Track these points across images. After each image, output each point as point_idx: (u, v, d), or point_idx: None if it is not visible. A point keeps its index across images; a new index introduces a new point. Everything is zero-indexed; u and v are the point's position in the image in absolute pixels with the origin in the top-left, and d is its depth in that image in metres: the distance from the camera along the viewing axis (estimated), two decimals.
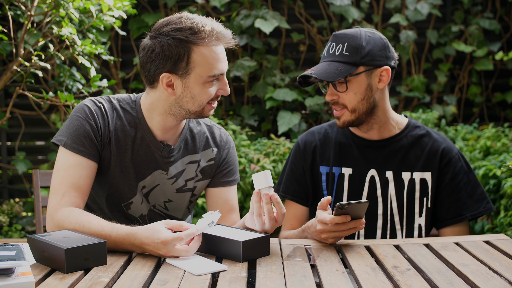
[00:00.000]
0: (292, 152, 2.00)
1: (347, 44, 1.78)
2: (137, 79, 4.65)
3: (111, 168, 1.71)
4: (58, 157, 1.65)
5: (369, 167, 1.89)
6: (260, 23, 4.16)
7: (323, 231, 1.56)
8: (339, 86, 1.80)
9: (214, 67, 1.62)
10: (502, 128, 3.84)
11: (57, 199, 1.59)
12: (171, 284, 1.22)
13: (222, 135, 1.86)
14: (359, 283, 1.27)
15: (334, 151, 1.92)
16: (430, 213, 1.87)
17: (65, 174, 1.61)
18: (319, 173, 1.93)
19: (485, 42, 4.47)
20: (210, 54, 1.61)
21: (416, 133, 1.91)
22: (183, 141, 1.78)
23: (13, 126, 4.63)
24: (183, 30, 1.59)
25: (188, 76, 1.61)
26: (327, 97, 1.84)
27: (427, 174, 1.87)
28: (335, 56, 1.79)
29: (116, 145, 1.70)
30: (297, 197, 1.95)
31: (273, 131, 4.51)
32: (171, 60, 1.59)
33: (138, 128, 1.72)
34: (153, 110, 1.70)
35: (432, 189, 1.87)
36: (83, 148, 1.63)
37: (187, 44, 1.59)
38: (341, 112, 1.84)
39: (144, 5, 4.59)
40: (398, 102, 4.56)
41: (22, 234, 4.17)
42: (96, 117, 1.67)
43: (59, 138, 1.66)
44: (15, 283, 1.16)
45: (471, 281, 1.26)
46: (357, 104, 1.81)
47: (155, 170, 1.74)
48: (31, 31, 2.53)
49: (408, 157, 1.88)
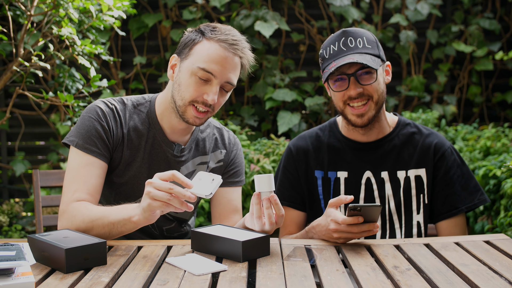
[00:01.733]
0: (284, 158, 1.97)
1: (365, 38, 1.79)
2: (137, 79, 4.65)
3: (120, 168, 1.72)
4: (70, 158, 1.66)
5: (364, 169, 1.88)
6: (260, 26, 4.15)
7: (336, 230, 1.55)
8: (362, 79, 1.76)
9: (207, 62, 1.61)
10: (502, 128, 3.84)
11: (68, 195, 1.60)
12: (171, 284, 1.22)
13: (230, 137, 1.88)
14: (359, 283, 1.27)
15: (328, 155, 1.91)
16: (427, 209, 1.88)
17: (76, 174, 1.62)
18: (315, 177, 1.92)
19: (485, 42, 4.47)
20: (212, 50, 1.61)
21: (407, 131, 1.91)
22: (194, 142, 1.80)
23: (13, 126, 4.63)
24: (209, 26, 1.67)
25: (185, 61, 1.65)
26: (352, 91, 1.76)
27: (422, 170, 1.87)
28: (359, 49, 1.77)
29: (129, 146, 1.71)
30: (294, 202, 1.94)
31: (273, 131, 4.51)
32: (183, 44, 1.68)
33: (150, 127, 1.74)
34: (163, 104, 1.73)
35: (427, 185, 1.87)
36: (95, 148, 1.64)
37: (200, 34, 1.65)
38: (366, 107, 1.78)
39: (144, 5, 4.59)
40: (398, 102, 4.56)
41: (22, 234, 4.17)
42: (108, 119, 1.68)
43: (71, 139, 1.66)
44: (15, 283, 1.16)
45: (471, 281, 1.26)
46: (380, 94, 1.79)
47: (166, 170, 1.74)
48: (31, 31, 2.53)
49: (402, 156, 1.88)
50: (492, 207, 2.98)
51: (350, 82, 1.76)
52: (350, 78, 1.76)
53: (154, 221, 1.47)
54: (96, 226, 1.52)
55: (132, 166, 1.72)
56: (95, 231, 1.53)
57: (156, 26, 4.62)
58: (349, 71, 1.76)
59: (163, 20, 4.55)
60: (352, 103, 1.78)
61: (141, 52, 4.65)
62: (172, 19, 4.57)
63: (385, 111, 1.91)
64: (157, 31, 4.63)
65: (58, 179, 2.17)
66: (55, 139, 4.60)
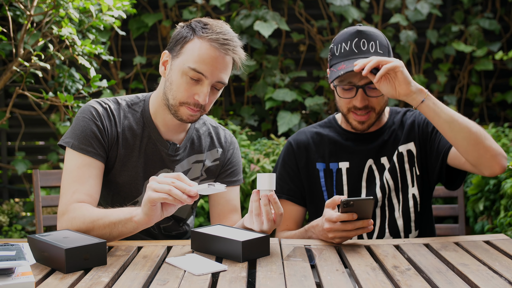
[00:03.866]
0: (284, 152, 1.99)
1: (378, 42, 1.79)
2: (137, 79, 4.65)
3: (116, 167, 1.71)
4: (66, 159, 1.66)
5: (366, 158, 1.91)
6: (260, 26, 4.15)
7: (330, 229, 1.56)
8: (370, 91, 1.80)
9: (197, 62, 1.60)
10: (502, 128, 3.84)
11: (67, 197, 1.60)
12: (171, 284, 1.22)
13: (227, 136, 1.88)
14: (359, 283, 1.27)
15: (329, 147, 1.94)
16: (420, 181, 1.90)
17: (74, 175, 1.62)
18: (316, 170, 1.93)
19: (485, 42, 4.47)
20: (203, 49, 1.60)
21: (399, 117, 1.97)
22: (189, 140, 1.80)
23: (13, 126, 4.63)
24: (200, 22, 1.65)
25: (177, 59, 1.64)
26: (358, 103, 1.80)
27: (411, 144, 1.91)
28: (371, 53, 1.77)
29: (124, 145, 1.71)
30: (292, 196, 1.95)
31: (273, 131, 4.51)
32: (174, 40, 1.67)
33: (145, 126, 1.74)
34: (157, 101, 1.73)
35: (417, 156, 1.90)
36: (91, 148, 1.64)
37: (193, 32, 1.63)
38: (367, 116, 1.84)
39: (144, 5, 4.59)
40: (398, 102, 4.56)
41: (22, 234, 4.17)
42: (103, 118, 1.68)
43: (66, 140, 1.66)
44: (15, 283, 1.16)
45: (471, 281, 1.26)
46: (383, 105, 1.85)
47: (161, 169, 1.75)
48: (31, 31, 2.53)
49: (397, 139, 1.92)
50: (492, 207, 2.98)
51: (357, 92, 1.79)
52: (359, 90, 1.79)
53: (155, 221, 1.47)
54: (97, 227, 1.52)
55: (128, 166, 1.72)
56: (95, 232, 1.52)
57: (156, 26, 4.62)
58: (360, 82, 1.78)
59: (163, 20, 4.55)
60: (356, 111, 1.83)
61: (141, 52, 4.65)
62: (172, 19, 4.57)
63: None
64: (157, 31, 4.63)
65: (58, 179, 2.17)
66: (55, 139, 4.60)
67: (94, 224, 1.52)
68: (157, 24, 4.60)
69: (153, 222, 1.46)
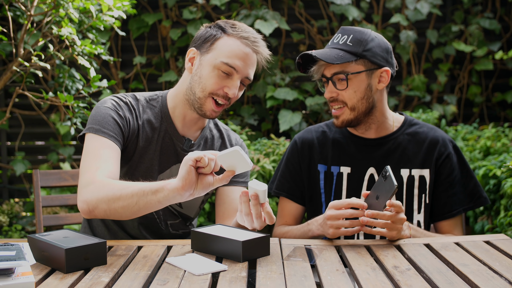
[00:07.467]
0: (289, 150, 2.00)
1: (352, 36, 1.81)
2: (137, 79, 4.65)
3: (134, 159, 1.75)
4: (86, 144, 1.65)
5: (368, 165, 1.89)
6: (260, 24, 4.16)
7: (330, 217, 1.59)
8: (339, 84, 1.81)
9: (231, 57, 1.68)
10: (502, 128, 3.84)
11: (91, 171, 1.56)
12: (171, 284, 1.22)
13: (237, 139, 1.95)
14: (359, 283, 1.27)
15: (332, 150, 1.93)
16: (428, 209, 1.88)
17: (96, 154, 1.60)
18: (317, 171, 1.93)
19: (485, 42, 4.47)
20: (235, 46, 1.69)
21: (413, 130, 1.92)
22: (203, 139, 1.86)
23: (13, 126, 4.63)
24: (228, 23, 1.73)
25: (207, 55, 1.71)
26: (326, 94, 1.86)
27: (426, 171, 1.88)
28: (338, 45, 1.82)
29: (143, 138, 1.75)
30: (292, 194, 1.95)
31: (273, 131, 4.51)
32: (202, 38, 1.74)
33: (162, 120, 1.78)
34: (177, 97, 1.77)
35: (430, 185, 1.88)
36: (111, 132, 1.65)
37: (221, 31, 1.72)
38: (340, 110, 1.85)
39: (144, 5, 4.59)
40: (398, 102, 4.56)
41: (22, 234, 4.17)
42: (124, 109, 1.72)
43: (86, 128, 1.67)
44: (15, 283, 1.16)
45: (471, 281, 1.26)
46: (356, 102, 1.82)
47: (174, 165, 1.79)
48: (31, 31, 2.53)
49: (406, 154, 1.89)
50: (492, 207, 2.98)
51: (328, 84, 1.84)
52: (329, 81, 1.83)
53: (188, 191, 1.42)
54: (124, 195, 1.47)
55: (145, 158, 1.76)
56: (121, 202, 1.47)
57: (156, 26, 4.62)
58: (328, 74, 1.82)
59: (163, 19, 4.55)
60: (331, 105, 1.88)
61: (141, 52, 4.65)
62: (172, 19, 4.56)
63: (389, 110, 1.92)
64: (157, 31, 4.62)
65: (58, 179, 2.17)
66: (55, 139, 4.60)
67: (122, 192, 1.47)
68: (157, 24, 4.60)
69: (186, 191, 1.41)
